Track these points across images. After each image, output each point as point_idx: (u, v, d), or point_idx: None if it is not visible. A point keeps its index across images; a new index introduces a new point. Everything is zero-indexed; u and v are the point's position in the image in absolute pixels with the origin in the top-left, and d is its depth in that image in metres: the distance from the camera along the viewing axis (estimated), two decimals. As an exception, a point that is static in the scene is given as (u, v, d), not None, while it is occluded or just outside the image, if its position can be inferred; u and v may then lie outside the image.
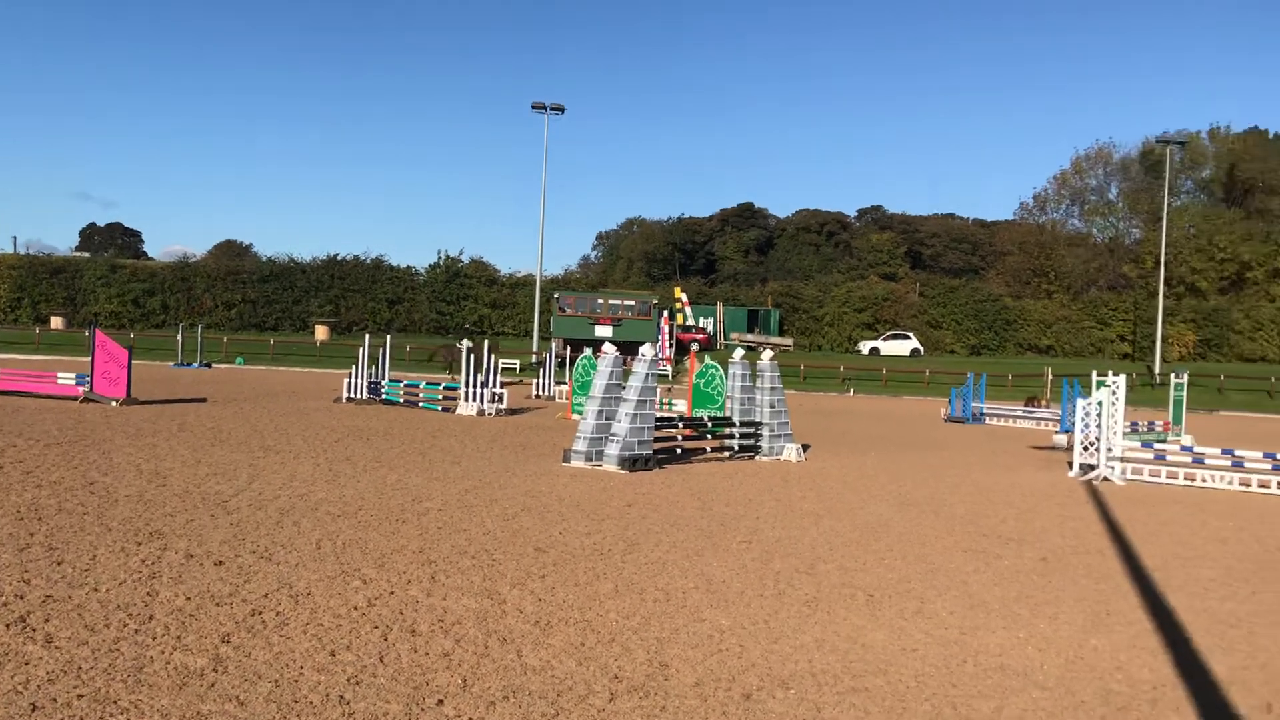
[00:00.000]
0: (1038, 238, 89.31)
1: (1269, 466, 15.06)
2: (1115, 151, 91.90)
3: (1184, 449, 16.50)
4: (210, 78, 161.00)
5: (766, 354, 17.63)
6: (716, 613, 6.77)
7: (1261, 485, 15.16)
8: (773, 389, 17.02)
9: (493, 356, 24.40)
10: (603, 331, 56.85)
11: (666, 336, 56.68)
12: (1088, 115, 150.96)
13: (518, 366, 50.57)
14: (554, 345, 37.93)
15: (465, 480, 12.49)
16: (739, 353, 17.46)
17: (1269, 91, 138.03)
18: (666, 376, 45.88)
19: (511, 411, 24.69)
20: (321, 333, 62.18)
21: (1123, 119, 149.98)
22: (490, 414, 23.29)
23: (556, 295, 61.25)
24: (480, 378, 23.60)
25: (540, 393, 32.69)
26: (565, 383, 28.86)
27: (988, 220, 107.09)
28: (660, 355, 51.35)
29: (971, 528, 10.88)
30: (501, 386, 24.13)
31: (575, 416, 22.73)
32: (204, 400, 23.51)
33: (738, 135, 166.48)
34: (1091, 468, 16.31)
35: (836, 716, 4.95)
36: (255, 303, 67.77)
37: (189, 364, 43.47)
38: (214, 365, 44.98)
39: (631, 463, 14.23)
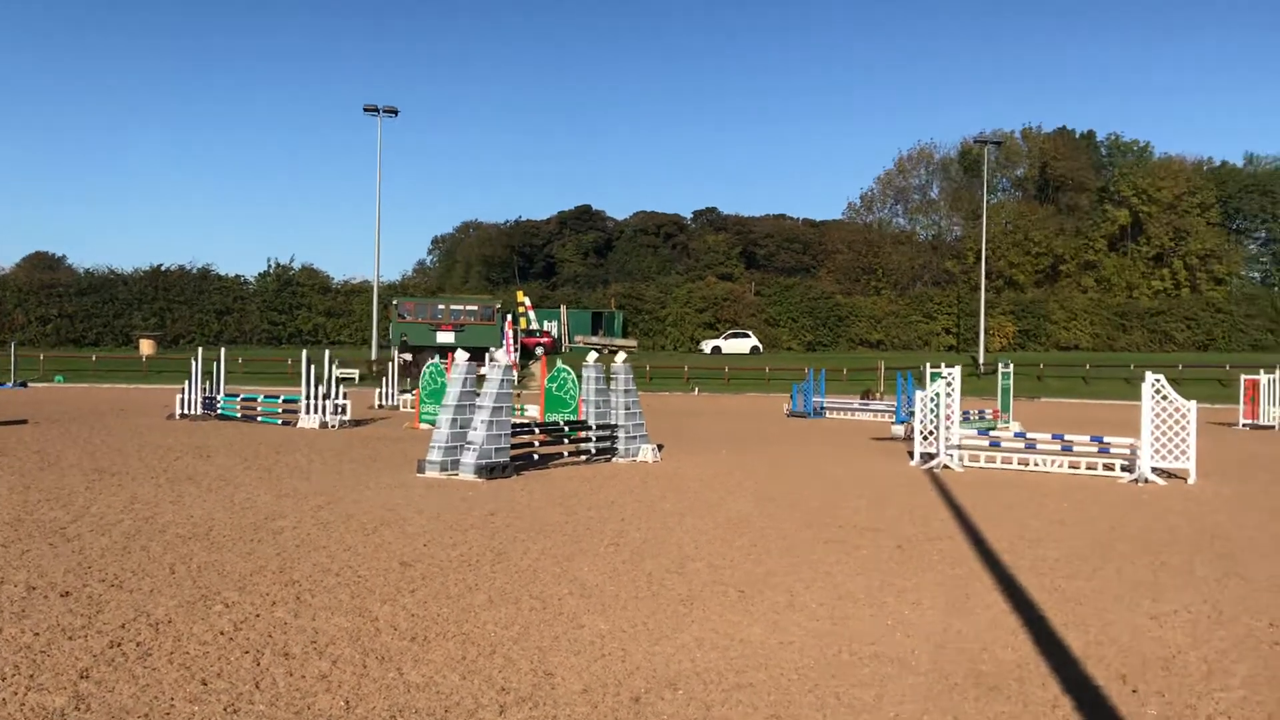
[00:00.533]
0: (865, 236, 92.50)
1: (1095, 449, 15.95)
2: (936, 152, 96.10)
3: (1017, 435, 17.34)
4: (10, 75, 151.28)
5: (620, 356, 17.72)
6: (595, 618, 6.74)
7: (1089, 467, 16.05)
8: (627, 391, 17.10)
9: (333, 366, 23.77)
10: (445, 338, 56.08)
11: (511, 341, 56.33)
12: (910, 116, 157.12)
13: (357, 376, 49.40)
14: (395, 353, 37.20)
15: (317, 496, 12.10)
16: (592, 356, 17.48)
17: (1075, 94, 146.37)
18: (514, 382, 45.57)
19: (356, 423, 24.10)
20: (147, 347, 59.46)
21: (943, 120, 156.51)
22: (333, 426, 22.68)
23: (395, 301, 60.11)
24: (321, 389, 22.95)
25: (384, 402, 32.00)
26: (410, 391, 28.35)
27: (817, 220, 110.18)
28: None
29: (828, 519, 11.15)
30: (344, 397, 23.53)
31: (424, 426, 22.33)
32: (24, 422, 22.15)
33: (574, 137, 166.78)
34: (932, 456, 16.96)
35: (727, 714, 4.99)
36: (73, 317, 64.37)
37: (2, 384, 40.91)
38: (30, 385, 42.46)
39: (489, 470, 14.06)
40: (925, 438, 17.32)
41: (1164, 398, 15.19)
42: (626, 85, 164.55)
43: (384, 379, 33.52)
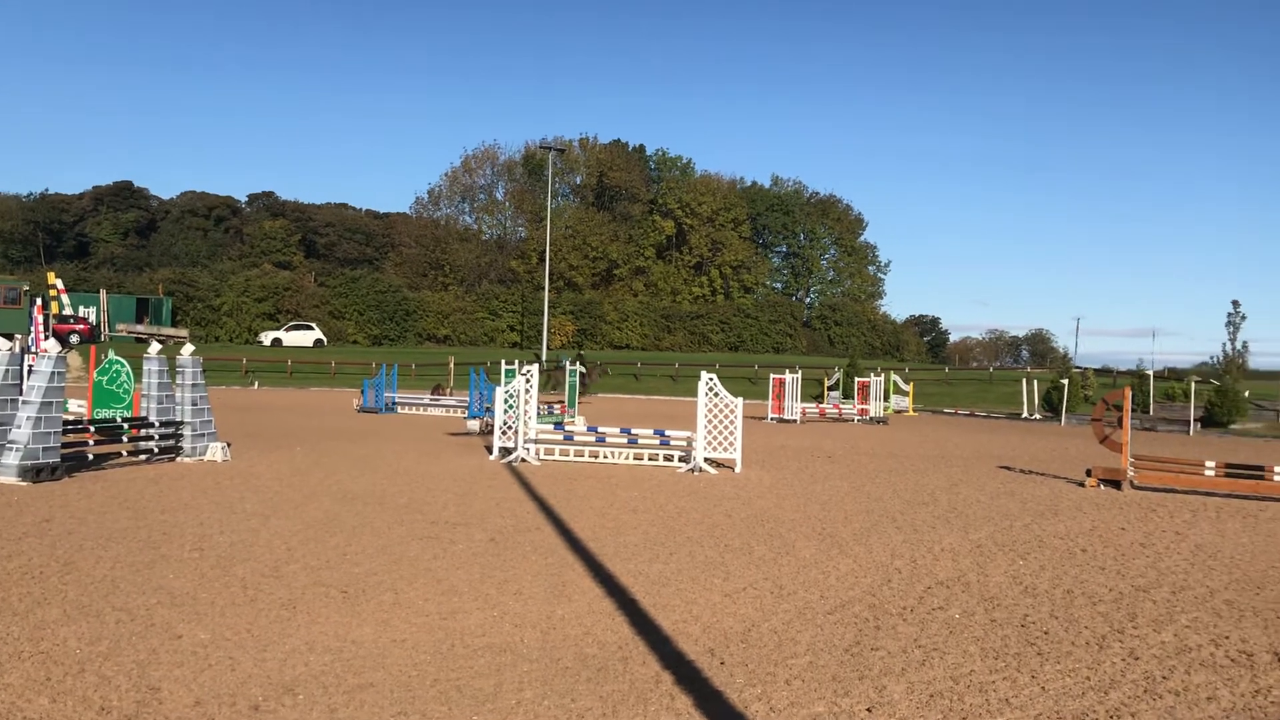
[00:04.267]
0: (433, 232, 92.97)
1: (657, 442, 17.24)
2: (501, 153, 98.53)
3: (590, 429, 18.31)
4: None
5: (188, 349, 16.62)
6: (192, 627, 6.38)
7: (651, 459, 17.32)
8: (194, 385, 16.08)
9: None
10: (-42, 322, 49.26)
11: (41, 327, 50.50)
12: (477, 117, 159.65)
13: None
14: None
15: None
16: (155, 347, 16.24)
17: (626, 109, 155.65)
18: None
19: None
20: None
21: (508, 123, 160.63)
22: None
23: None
24: None
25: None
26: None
27: (381, 212, 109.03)
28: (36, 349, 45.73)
29: (418, 515, 11.22)
30: None
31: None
32: None
33: (113, 106, 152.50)
34: (510, 450, 17.49)
35: (353, 715, 4.97)
36: None
37: None
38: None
39: (37, 472, 12.67)
40: (504, 432, 17.83)
41: (716, 395, 16.73)
42: (176, 49, 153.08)
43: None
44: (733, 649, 6.31)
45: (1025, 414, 38.48)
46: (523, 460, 17.12)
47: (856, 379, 35.79)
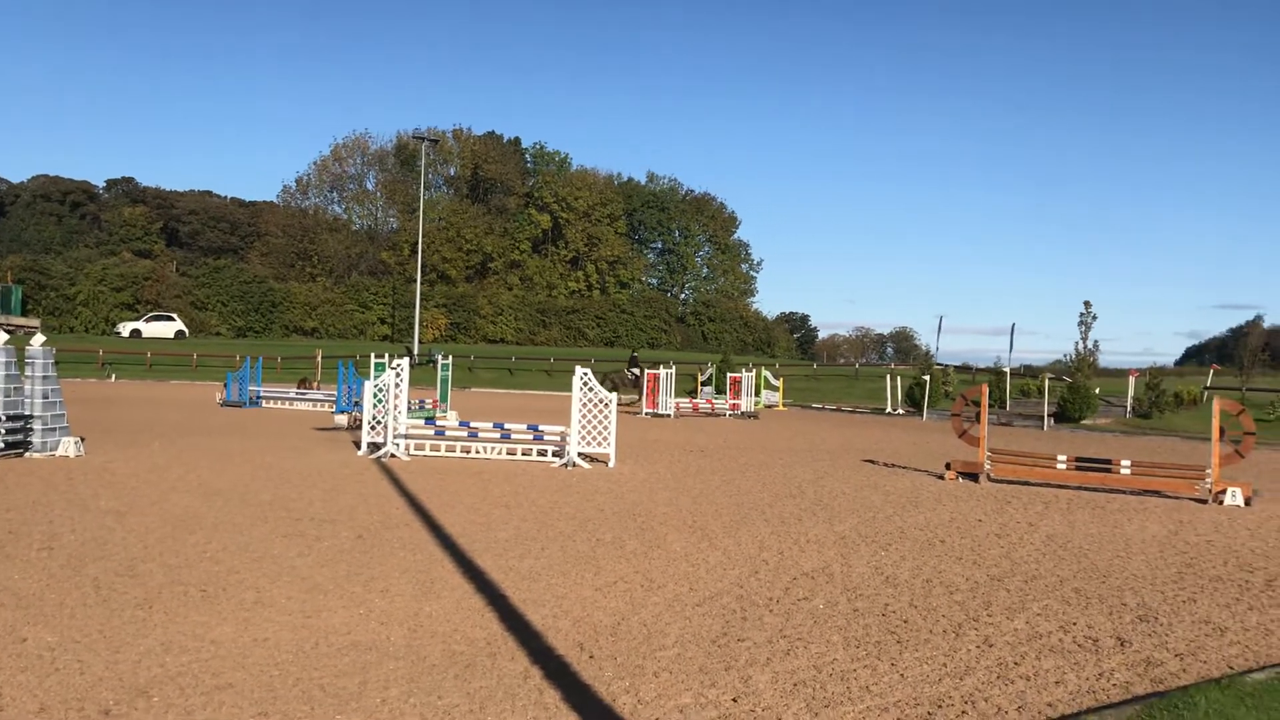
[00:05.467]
0: (301, 222, 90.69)
1: (530, 437, 17.18)
2: (372, 143, 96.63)
3: (461, 424, 18.14)
4: None
5: (38, 339, 15.89)
6: (38, 629, 6.11)
7: (524, 454, 17.25)
8: (45, 377, 15.39)
9: None
10: None
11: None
12: (347, 105, 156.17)
13: None
14: None
15: None
16: (3, 336, 15.45)
17: (502, 102, 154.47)
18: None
19: None
20: None
21: (379, 111, 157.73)
22: None
23: None
24: None
25: None
26: None
27: (247, 200, 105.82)
28: None
29: (283, 512, 10.95)
30: None
31: None
32: None
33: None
34: (380, 446, 17.21)
35: (211, 717, 4.83)
36: None
37: None
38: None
39: None
40: (373, 427, 17.54)
41: (590, 390, 16.76)
42: (27, 23, 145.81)
43: None
44: (602, 642, 6.34)
45: (889, 409, 39.58)
46: (392, 456, 16.86)
47: (729, 374, 36.27)
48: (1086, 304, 39.38)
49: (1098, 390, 36.80)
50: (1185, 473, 15.02)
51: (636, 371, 36.54)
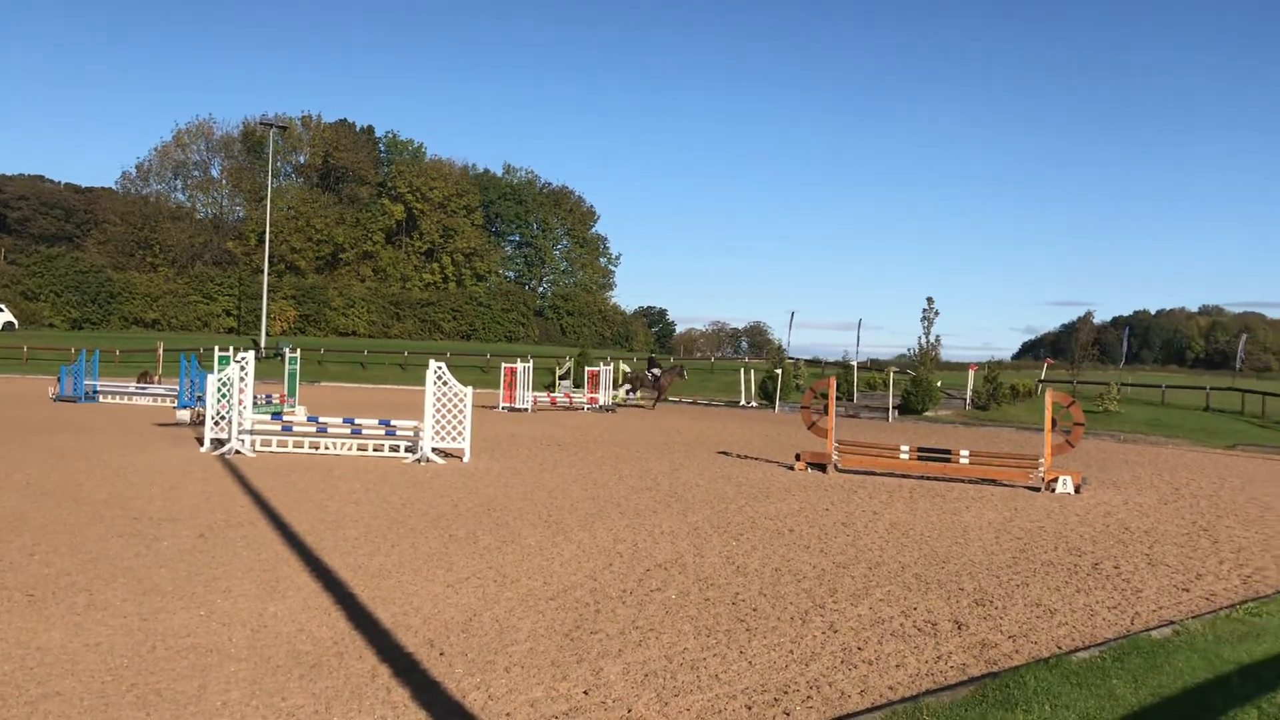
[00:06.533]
0: (141, 209, 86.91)
1: (383, 432, 16.88)
2: (217, 128, 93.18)
3: (310, 419, 17.69)
4: None
5: None
6: None
7: (376, 449, 16.93)
8: None
9: None
10: None
11: None
12: (190, 89, 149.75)
13: None
14: None
15: None
16: None
17: (352, 89, 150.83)
18: None
19: None
20: None
21: (223, 96, 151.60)
22: None
23: None
24: None
25: None
26: None
27: (84, 186, 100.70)
28: None
29: (119, 511, 10.49)
30: None
31: None
32: None
33: None
34: (224, 442, 16.64)
35: (36, 728, 4.60)
36: None
37: None
38: None
39: None
40: (216, 423, 16.95)
41: (444, 384, 16.55)
42: None
43: None
44: (453, 639, 6.28)
45: (743, 402, 40.27)
46: (237, 452, 16.32)
47: (587, 368, 36.32)
48: (929, 300, 40.74)
49: (940, 383, 38.14)
50: (1020, 462, 15.75)
51: (656, 372, 38.26)
